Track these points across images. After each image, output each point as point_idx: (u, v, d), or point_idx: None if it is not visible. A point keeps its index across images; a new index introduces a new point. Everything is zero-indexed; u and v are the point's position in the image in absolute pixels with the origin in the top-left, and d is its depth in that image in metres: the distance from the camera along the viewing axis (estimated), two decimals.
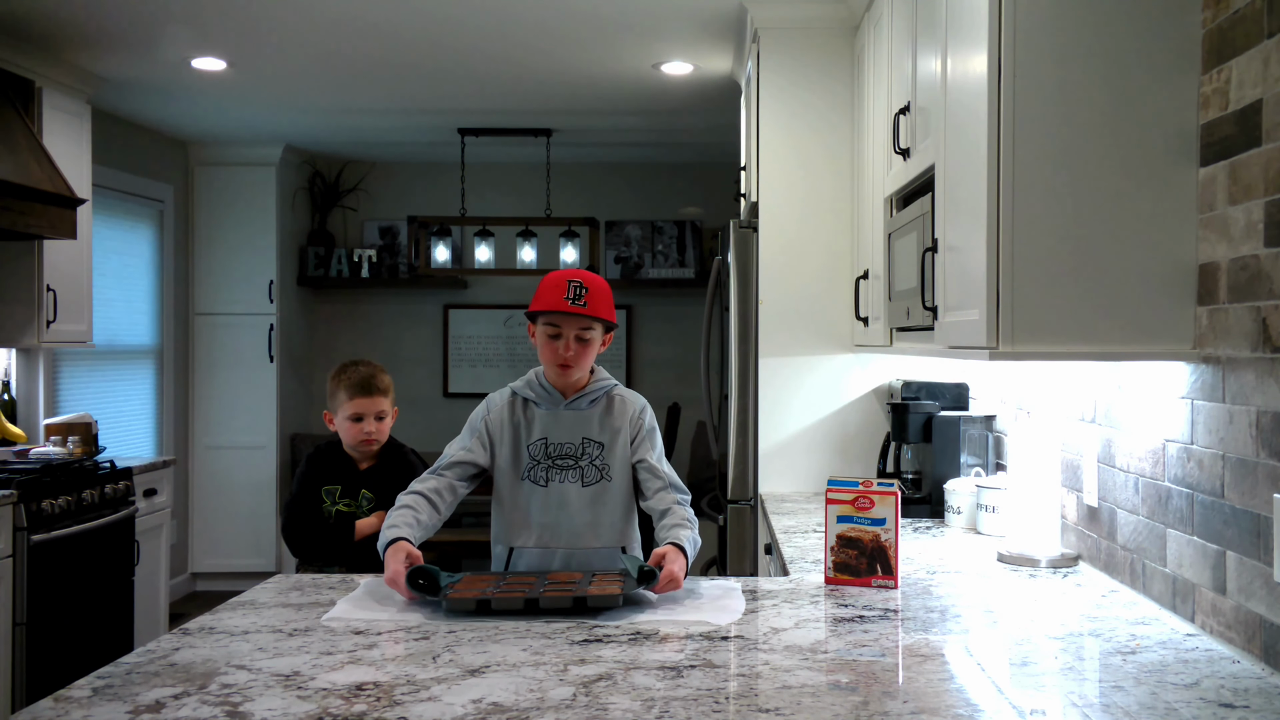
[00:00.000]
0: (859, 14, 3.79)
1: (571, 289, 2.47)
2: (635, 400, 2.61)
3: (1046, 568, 2.50)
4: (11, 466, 4.31)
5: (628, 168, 7.47)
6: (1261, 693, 1.64)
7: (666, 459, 2.60)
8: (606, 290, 2.54)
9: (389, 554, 2.24)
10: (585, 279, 2.51)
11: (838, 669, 1.76)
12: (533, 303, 2.52)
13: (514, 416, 2.56)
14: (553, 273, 2.55)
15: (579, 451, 2.52)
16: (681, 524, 2.38)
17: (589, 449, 2.52)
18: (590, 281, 2.51)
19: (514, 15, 4.25)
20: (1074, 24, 1.99)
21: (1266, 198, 1.74)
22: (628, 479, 2.55)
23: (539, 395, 2.55)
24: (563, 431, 2.53)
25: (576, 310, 2.46)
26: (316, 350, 7.51)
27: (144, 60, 4.89)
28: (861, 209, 3.71)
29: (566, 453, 2.52)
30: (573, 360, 2.49)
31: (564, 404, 2.54)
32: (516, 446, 2.54)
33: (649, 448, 2.56)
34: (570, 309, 2.46)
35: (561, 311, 2.46)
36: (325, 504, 3.04)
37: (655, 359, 7.40)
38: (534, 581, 2.24)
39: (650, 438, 2.58)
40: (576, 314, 2.46)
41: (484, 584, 2.21)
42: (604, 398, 2.57)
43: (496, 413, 2.57)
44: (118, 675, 1.69)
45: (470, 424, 2.60)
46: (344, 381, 3.05)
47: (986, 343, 2.00)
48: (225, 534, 6.88)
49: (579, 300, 2.47)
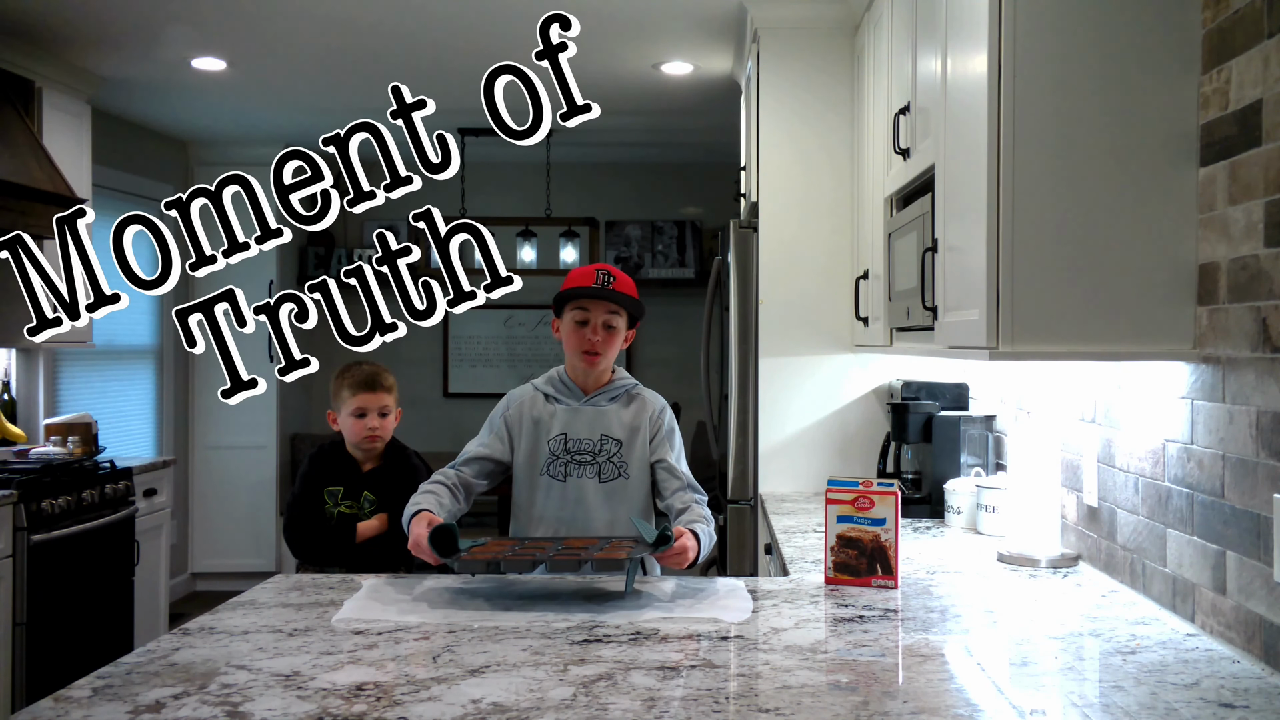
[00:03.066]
0: (859, 14, 3.79)
1: (600, 276, 2.55)
2: (655, 400, 2.64)
3: (1046, 568, 2.50)
4: (11, 466, 4.31)
5: (628, 168, 7.47)
6: (1261, 693, 1.64)
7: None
8: (632, 283, 2.62)
9: (413, 523, 2.28)
10: (613, 270, 2.60)
11: (838, 669, 1.76)
12: (561, 289, 2.58)
13: (534, 411, 2.59)
14: (578, 268, 2.64)
15: (597, 448, 2.55)
16: (698, 520, 2.42)
17: (607, 446, 2.55)
18: (617, 272, 2.60)
19: (514, 15, 4.25)
20: (1074, 24, 1.99)
21: (1266, 198, 1.74)
22: (645, 478, 2.57)
23: (560, 391, 2.59)
24: (582, 427, 2.56)
25: (605, 292, 2.52)
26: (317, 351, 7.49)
27: (144, 60, 4.89)
28: (861, 209, 3.71)
29: (585, 449, 2.54)
30: (599, 346, 2.54)
31: (584, 400, 2.57)
32: (536, 441, 2.57)
33: (668, 448, 2.59)
34: (599, 290, 2.53)
35: (591, 293, 2.53)
36: (327, 505, 3.04)
37: (655, 359, 7.40)
38: (549, 545, 2.28)
39: (669, 438, 2.60)
40: (605, 297, 2.52)
41: (501, 548, 2.24)
42: (624, 395, 2.61)
43: (516, 408, 2.61)
44: (118, 675, 1.69)
45: (490, 421, 2.64)
46: (348, 379, 3.06)
47: (986, 343, 2.00)
48: (225, 534, 6.88)
49: (607, 285, 2.54)
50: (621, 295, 2.55)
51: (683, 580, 2.37)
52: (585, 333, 2.54)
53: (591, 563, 2.15)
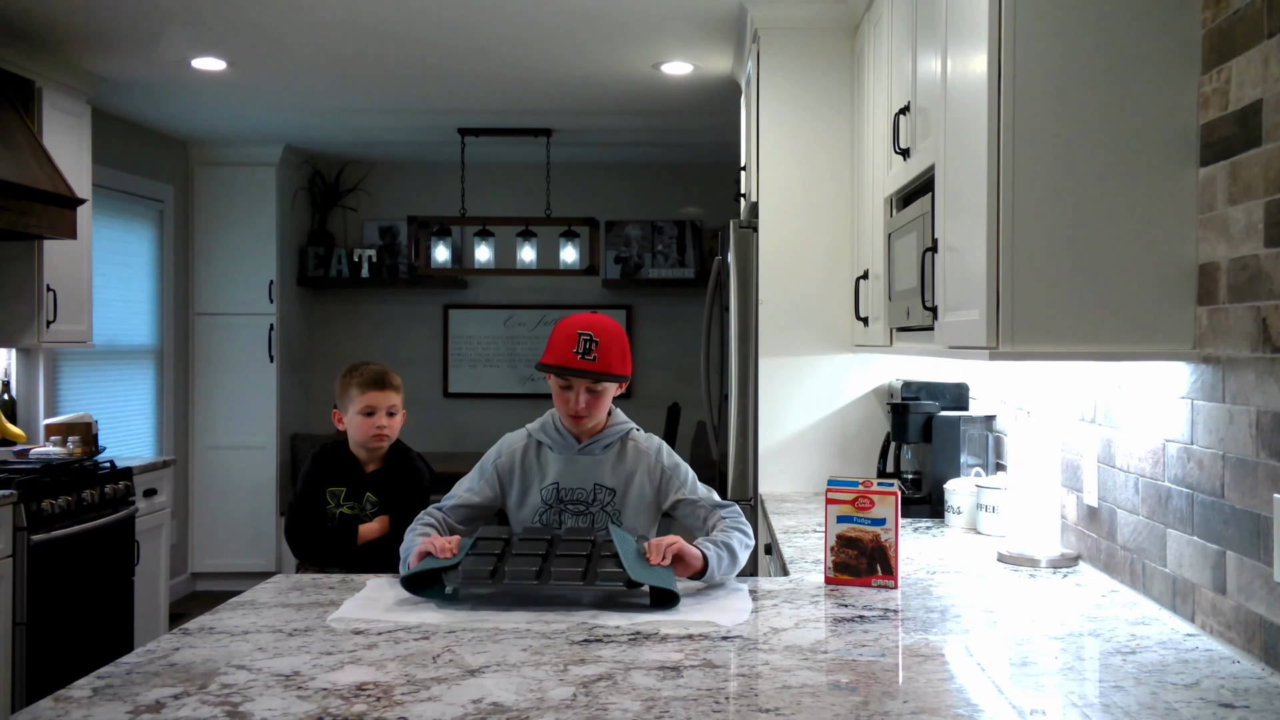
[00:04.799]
0: (859, 14, 3.79)
1: (582, 342, 2.40)
2: (649, 444, 2.54)
3: (1046, 568, 2.50)
4: (11, 466, 4.31)
5: (628, 168, 7.47)
6: (1261, 693, 1.64)
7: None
8: (619, 338, 2.47)
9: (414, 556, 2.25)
10: (597, 329, 2.43)
11: (838, 669, 1.76)
12: (545, 353, 2.46)
13: (526, 460, 2.53)
14: (565, 320, 2.47)
15: (590, 498, 2.49)
16: (718, 536, 2.32)
17: (600, 495, 2.49)
18: (602, 331, 2.43)
19: (514, 15, 4.25)
20: (1074, 24, 1.98)
21: (1266, 198, 1.74)
22: (643, 525, 2.51)
23: (553, 440, 2.51)
24: (575, 477, 2.49)
25: (586, 367, 2.40)
26: (316, 350, 7.51)
27: (144, 60, 4.89)
28: (861, 209, 3.71)
29: (578, 498, 2.49)
30: (584, 412, 2.44)
31: (577, 449, 2.50)
32: (527, 490, 2.52)
33: (678, 485, 2.49)
34: (579, 365, 2.40)
35: (570, 369, 2.41)
36: (329, 505, 3.03)
37: (655, 359, 7.40)
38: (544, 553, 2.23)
39: (675, 474, 2.50)
40: (586, 370, 2.40)
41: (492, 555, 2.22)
42: (618, 443, 2.52)
43: (508, 457, 2.54)
44: (118, 675, 1.69)
45: (481, 466, 2.57)
46: (356, 378, 3.05)
47: (986, 343, 2.00)
48: (225, 534, 6.88)
49: (589, 355, 2.40)
50: (601, 374, 2.41)
51: (682, 581, 2.37)
52: (569, 397, 2.44)
53: (597, 575, 2.14)
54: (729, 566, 2.28)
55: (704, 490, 2.50)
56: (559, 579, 2.14)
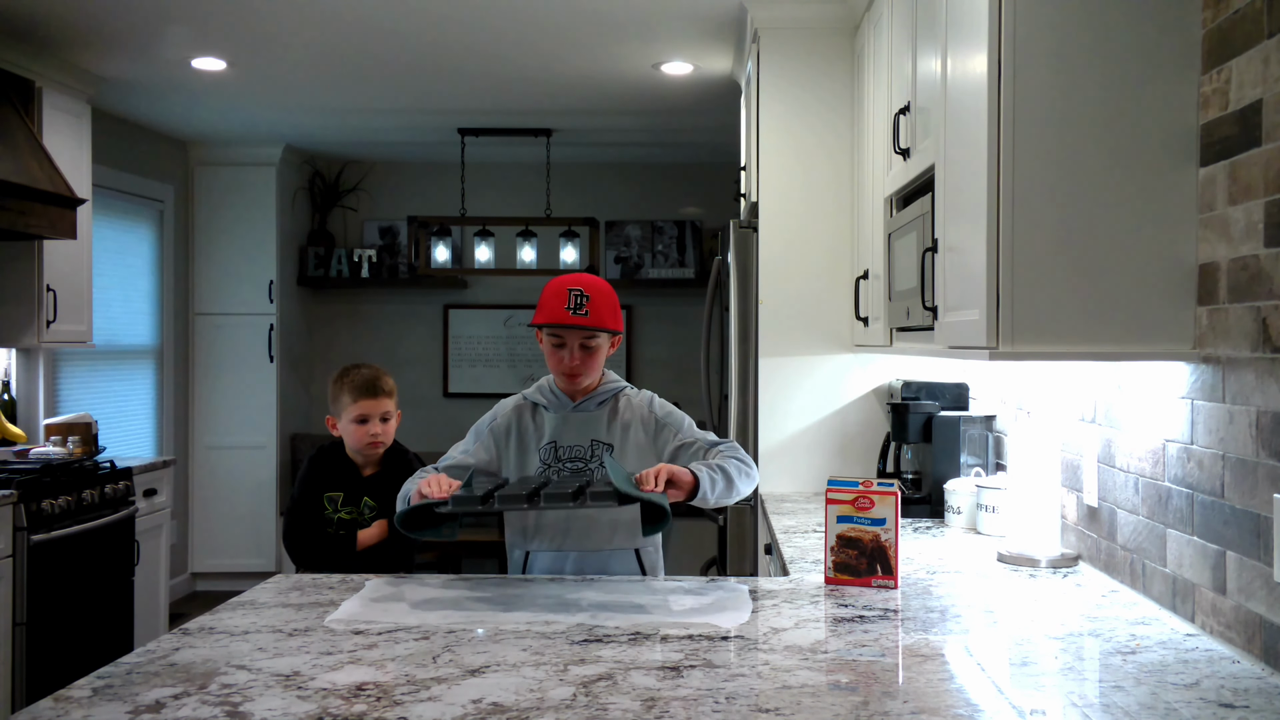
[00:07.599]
0: (859, 14, 3.79)
1: (573, 298, 2.43)
2: (641, 397, 2.59)
3: (1046, 568, 2.50)
4: (11, 466, 4.31)
5: (628, 168, 7.47)
6: (1261, 693, 1.64)
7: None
8: (609, 294, 2.50)
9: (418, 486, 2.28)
10: (587, 285, 2.46)
11: (838, 669, 1.76)
12: (536, 313, 2.50)
13: (522, 421, 2.55)
14: (554, 280, 2.51)
15: (589, 454, 2.51)
16: (712, 462, 2.37)
17: (599, 450, 2.51)
18: (592, 288, 2.46)
19: (514, 15, 4.25)
20: (1074, 24, 1.98)
21: (1266, 198, 1.74)
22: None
23: (548, 400, 2.54)
24: (572, 434, 2.51)
25: (578, 321, 2.43)
26: (316, 350, 7.51)
27: (144, 60, 4.89)
28: (861, 209, 3.71)
29: (576, 455, 2.50)
30: (579, 369, 2.47)
31: (572, 407, 2.53)
32: (525, 451, 2.53)
33: (674, 430, 2.53)
34: (571, 320, 2.43)
35: (563, 324, 2.44)
36: (327, 510, 3.01)
37: (655, 359, 7.40)
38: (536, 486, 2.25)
39: (669, 421, 2.54)
40: (578, 325, 2.44)
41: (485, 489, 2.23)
42: (611, 399, 2.55)
43: (503, 419, 2.57)
44: (118, 675, 1.70)
45: (476, 429, 2.59)
46: (347, 384, 3.02)
47: (986, 343, 2.00)
48: (225, 534, 6.88)
49: (580, 310, 2.43)
50: (594, 327, 2.44)
51: (682, 580, 2.37)
52: (563, 356, 2.46)
53: (587, 496, 2.15)
54: (724, 490, 2.31)
55: (700, 433, 2.53)
56: (549, 501, 2.16)
